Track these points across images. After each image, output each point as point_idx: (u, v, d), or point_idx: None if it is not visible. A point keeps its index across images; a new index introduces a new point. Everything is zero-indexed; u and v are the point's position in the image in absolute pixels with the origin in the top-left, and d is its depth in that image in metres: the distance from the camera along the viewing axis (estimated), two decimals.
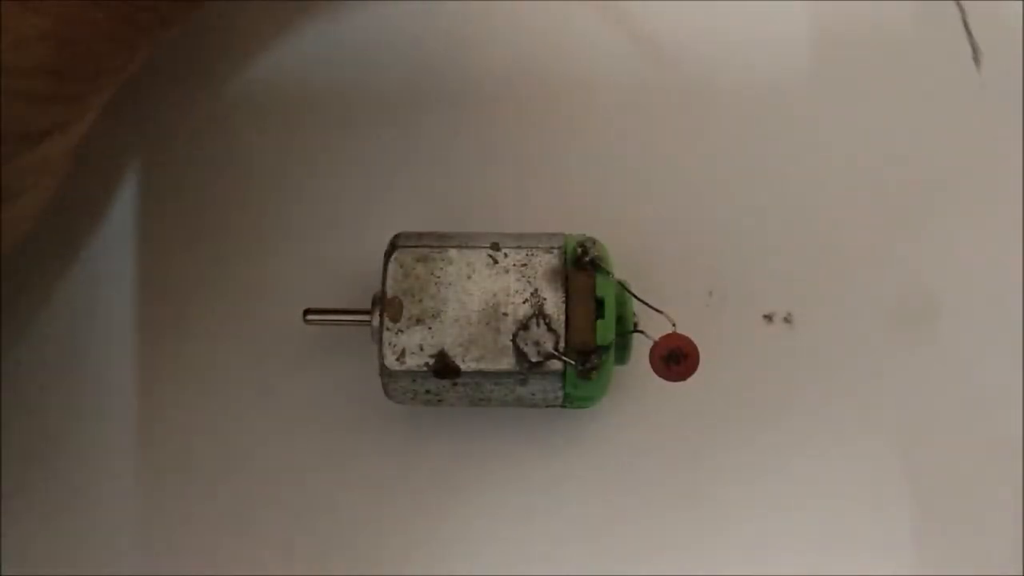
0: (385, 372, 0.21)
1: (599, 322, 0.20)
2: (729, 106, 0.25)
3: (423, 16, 0.25)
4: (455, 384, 0.21)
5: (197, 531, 0.23)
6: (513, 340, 0.20)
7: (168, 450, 0.23)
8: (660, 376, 0.20)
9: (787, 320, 0.24)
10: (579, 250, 0.21)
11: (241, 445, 0.23)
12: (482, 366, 0.20)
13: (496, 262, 0.21)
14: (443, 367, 0.20)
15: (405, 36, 0.25)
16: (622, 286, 0.21)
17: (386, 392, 0.21)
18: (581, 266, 0.21)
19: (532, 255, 0.21)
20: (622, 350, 0.21)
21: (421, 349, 0.20)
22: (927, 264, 0.24)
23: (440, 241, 0.21)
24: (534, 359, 0.20)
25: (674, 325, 0.20)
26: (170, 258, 0.24)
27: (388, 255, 0.21)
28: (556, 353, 0.20)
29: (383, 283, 0.21)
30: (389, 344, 0.20)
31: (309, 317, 0.22)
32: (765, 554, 0.23)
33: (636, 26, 0.26)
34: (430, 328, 0.21)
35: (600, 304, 0.21)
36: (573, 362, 0.20)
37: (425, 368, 0.20)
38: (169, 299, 0.24)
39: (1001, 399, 0.23)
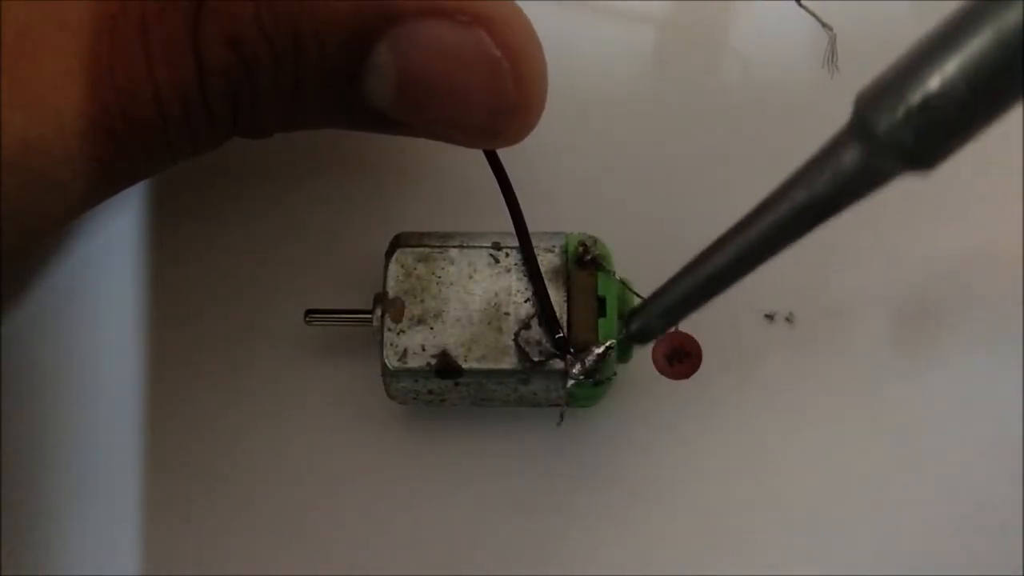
0: (387, 372, 0.20)
1: (601, 321, 0.20)
2: (730, 105, 0.25)
3: None
4: (457, 384, 0.21)
5: (196, 531, 0.23)
6: (515, 339, 0.20)
7: (167, 450, 0.23)
8: (663, 374, 0.20)
9: (788, 320, 0.24)
10: (580, 249, 0.21)
11: (241, 445, 0.23)
12: (484, 366, 0.20)
13: (497, 261, 0.21)
14: (445, 367, 0.20)
15: None
16: (624, 285, 0.21)
17: (388, 392, 0.21)
18: (583, 265, 0.21)
19: None
20: (624, 349, 0.21)
21: (423, 349, 0.20)
22: (927, 264, 0.24)
23: (441, 241, 0.21)
24: (536, 358, 0.20)
25: (676, 324, 0.20)
26: (170, 258, 0.24)
27: (389, 255, 0.21)
28: (558, 352, 0.20)
29: (384, 283, 0.21)
30: (391, 344, 0.20)
31: (310, 317, 0.22)
32: (765, 553, 0.23)
33: (637, 25, 0.26)
34: (432, 328, 0.20)
35: (602, 303, 0.21)
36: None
37: (427, 368, 0.20)
38: (169, 299, 0.24)
39: (1001, 399, 0.23)
